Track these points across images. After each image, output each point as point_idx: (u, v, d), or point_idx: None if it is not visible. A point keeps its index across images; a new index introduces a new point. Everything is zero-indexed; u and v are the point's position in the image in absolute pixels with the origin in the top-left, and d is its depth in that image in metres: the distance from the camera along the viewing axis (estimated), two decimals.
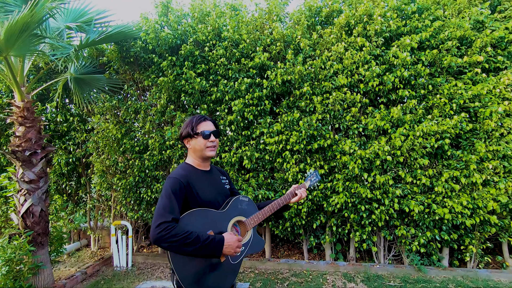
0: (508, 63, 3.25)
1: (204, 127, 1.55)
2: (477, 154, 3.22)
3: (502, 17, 3.32)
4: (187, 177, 1.46)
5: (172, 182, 1.41)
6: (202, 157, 1.58)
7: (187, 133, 1.55)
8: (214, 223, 1.47)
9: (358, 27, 3.40)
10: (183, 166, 1.57)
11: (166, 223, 1.26)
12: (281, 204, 1.76)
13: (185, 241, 1.26)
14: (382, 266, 3.75)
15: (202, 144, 1.53)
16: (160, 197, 1.38)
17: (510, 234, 3.47)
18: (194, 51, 3.78)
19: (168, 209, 1.32)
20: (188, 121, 1.58)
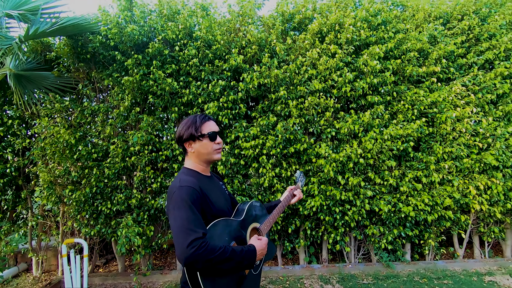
0: (457, 74, 3.67)
1: (210, 127, 1.41)
2: (435, 155, 3.54)
3: (451, 33, 3.74)
4: (199, 184, 1.29)
5: (187, 191, 1.22)
6: (208, 161, 1.43)
7: (190, 135, 1.37)
8: (235, 233, 1.35)
9: (330, 35, 3.53)
10: (188, 172, 1.39)
11: (199, 240, 1.09)
12: (285, 206, 1.74)
13: (222, 257, 1.11)
14: (353, 265, 3.88)
15: (209, 147, 1.39)
16: (174, 210, 1.17)
17: (459, 227, 3.88)
18: (163, 50, 3.53)
19: (195, 223, 1.14)
20: (190, 121, 1.40)
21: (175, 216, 1.16)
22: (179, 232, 1.11)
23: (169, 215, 1.21)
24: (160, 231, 4.01)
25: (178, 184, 1.26)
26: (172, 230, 1.15)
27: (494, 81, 3.49)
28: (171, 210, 1.20)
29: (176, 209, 1.18)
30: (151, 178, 3.76)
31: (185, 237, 1.09)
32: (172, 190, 1.25)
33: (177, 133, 1.43)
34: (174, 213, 1.17)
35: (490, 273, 3.64)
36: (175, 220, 1.15)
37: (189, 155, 1.43)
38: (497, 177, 3.49)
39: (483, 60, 3.62)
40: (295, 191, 1.91)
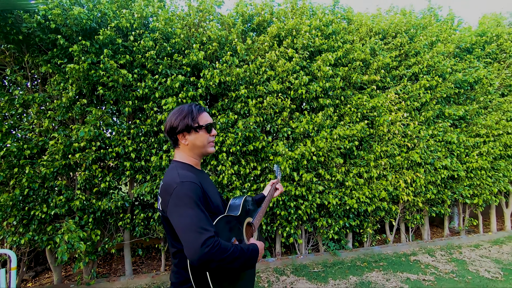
0: (392, 84, 4.25)
1: (206, 118, 1.35)
2: (373, 154, 4.04)
3: (387, 48, 4.31)
4: (199, 180, 1.23)
5: (191, 187, 1.15)
6: (202, 154, 1.38)
7: (186, 126, 1.28)
8: (235, 230, 1.32)
9: (288, 39, 3.73)
10: (183, 166, 1.30)
11: (212, 239, 1.04)
12: (270, 200, 1.76)
13: (233, 255, 1.09)
14: (304, 256, 4.16)
15: (205, 139, 1.34)
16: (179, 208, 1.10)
17: (391, 216, 4.48)
18: (116, 39, 3.27)
19: (205, 221, 1.09)
20: (185, 111, 1.31)
21: (181, 214, 1.09)
22: (189, 231, 1.05)
23: (171, 213, 1.13)
24: (107, 235, 3.69)
25: (179, 179, 1.17)
26: (180, 228, 1.08)
27: (419, 91, 4.15)
28: (174, 208, 1.12)
29: (182, 206, 1.10)
30: (98, 177, 3.43)
31: (198, 236, 1.03)
32: (172, 186, 1.16)
33: (168, 123, 1.33)
34: (179, 210, 1.10)
35: (414, 253, 4.30)
36: (183, 218, 1.08)
37: (181, 147, 1.34)
38: (420, 172, 4.15)
39: (411, 73, 4.26)
40: (276, 184, 1.90)
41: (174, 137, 1.34)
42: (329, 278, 3.56)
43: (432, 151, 4.25)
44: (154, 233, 3.71)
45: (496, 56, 4.85)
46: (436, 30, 4.44)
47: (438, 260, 4.03)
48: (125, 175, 3.52)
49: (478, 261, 3.99)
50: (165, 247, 3.90)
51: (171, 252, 1.31)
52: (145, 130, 3.39)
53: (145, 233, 3.70)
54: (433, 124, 4.38)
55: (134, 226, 3.64)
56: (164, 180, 1.25)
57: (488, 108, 4.65)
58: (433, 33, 4.40)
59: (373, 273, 3.68)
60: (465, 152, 4.43)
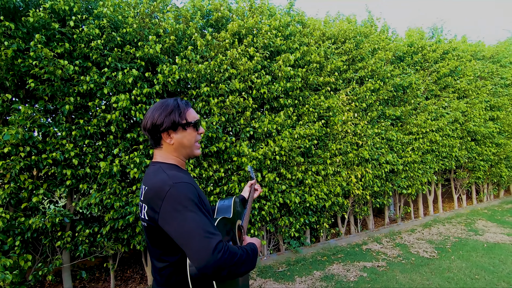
0: (343, 86, 4.54)
1: (193, 114, 1.20)
2: (329, 152, 4.25)
3: (338, 52, 4.60)
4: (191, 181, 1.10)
5: (188, 188, 1.01)
6: (188, 155, 1.22)
7: (173, 122, 1.12)
8: (229, 232, 1.22)
9: (248, 38, 3.66)
10: (170, 166, 1.13)
11: (222, 243, 0.93)
12: (252, 201, 1.69)
13: (242, 259, 0.98)
14: (268, 257, 4.13)
15: (194, 138, 1.19)
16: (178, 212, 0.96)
17: (342, 210, 4.79)
18: (51, 23, 2.73)
19: (210, 224, 0.97)
20: (170, 105, 1.14)
21: (184, 218, 0.95)
22: (197, 237, 0.92)
23: (168, 219, 0.97)
24: (39, 259, 3.07)
25: (170, 180, 1.02)
26: (184, 235, 0.94)
27: (365, 93, 4.52)
28: (173, 213, 0.96)
29: (182, 210, 0.96)
30: (27, 190, 2.82)
31: (208, 242, 0.91)
32: (164, 189, 1.00)
33: (149, 119, 1.13)
34: (180, 215, 0.96)
35: (364, 243, 4.66)
36: (188, 223, 0.94)
37: (164, 147, 1.16)
38: (368, 168, 4.52)
39: (358, 76, 4.63)
40: (255, 185, 1.86)
41: (157, 136, 1.16)
42: (295, 276, 3.60)
43: (378, 148, 4.68)
44: (102, 250, 3.22)
45: (421, 65, 5.63)
46: (377, 39, 4.93)
47: (385, 247, 4.45)
48: (65, 186, 2.97)
49: (416, 243, 4.53)
50: (115, 265, 3.43)
51: (155, 268, 1.13)
52: (91, 131, 2.92)
53: (91, 251, 3.18)
54: (377, 123, 4.83)
55: (77, 245, 3.10)
56: (149, 183, 1.07)
57: (417, 110, 5.35)
58: (374, 41, 4.87)
59: (334, 265, 3.85)
60: (402, 148, 5.01)
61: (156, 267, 1.14)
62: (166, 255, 1.08)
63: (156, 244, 1.10)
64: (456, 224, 5.55)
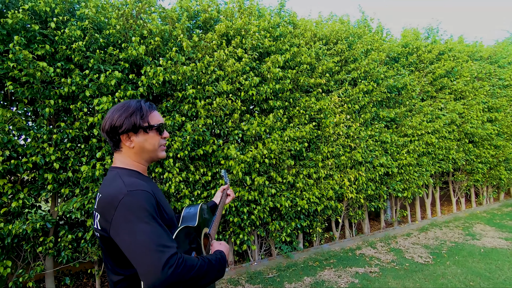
0: (335, 87, 4.47)
1: (157, 117, 1.14)
2: (321, 155, 4.17)
3: (330, 53, 4.53)
4: (151, 188, 1.03)
5: (144, 196, 0.95)
6: (151, 159, 1.16)
7: (134, 124, 1.06)
8: (193, 242, 1.15)
9: (236, 39, 3.60)
10: (129, 173, 1.07)
11: (175, 256, 0.87)
12: (223, 207, 1.62)
13: (202, 270, 0.93)
14: (258, 262, 4.04)
15: (156, 142, 1.13)
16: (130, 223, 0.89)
17: (336, 213, 4.69)
18: (31, 25, 2.69)
19: (165, 236, 0.91)
20: (132, 107, 1.09)
21: (134, 231, 0.88)
22: (147, 252, 0.85)
23: (118, 230, 0.91)
24: (21, 265, 3.00)
25: (125, 188, 0.95)
26: (133, 249, 0.87)
27: (358, 95, 4.45)
28: (124, 224, 0.90)
29: (134, 221, 0.89)
30: (7, 194, 2.76)
31: (158, 256, 0.84)
32: (117, 197, 0.93)
33: (108, 120, 1.07)
34: (131, 227, 0.89)
35: (358, 247, 4.56)
36: (138, 236, 0.87)
37: (124, 151, 1.11)
38: (362, 170, 4.43)
39: (351, 77, 4.55)
40: (227, 190, 1.82)
41: (116, 138, 1.10)
42: (285, 282, 3.51)
43: (371, 151, 4.59)
44: (86, 256, 3.15)
45: (416, 66, 5.54)
46: (370, 40, 4.86)
47: (380, 252, 4.35)
48: (46, 190, 2.91)
49: (411, 248, 4.43)
50: (100, 271, 3.35)
51: (111, 281, 1.07)
52: (73, 134, 2.86)
53: (74, 257, 3.11)
54: (370, 125, 4.74)
55: (60, 251, 3.03)
56: (103, 191, 1.01)
57: (412, 111, 5.25)
58: (368, 42, 4.79)
59: (325, 271, 3.76)
60: (396, 151, 4.91)
61: (111, 280, 1.08)
62: (120, 267, 1.02)
63: (109, 255, 1.03)
64: (454, 228, 5.43)
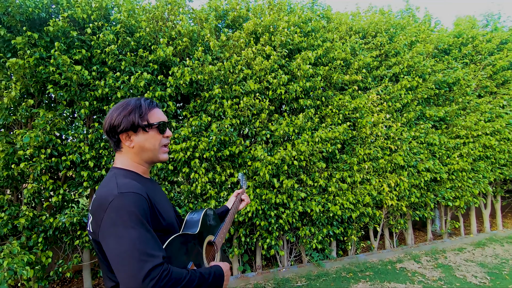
0: (373, 84, 4.11)
1: (158, 116, 1.09)
2: (357, 157, 3.85)
3: (368, 47, 4.19)
4: (145, 191, 0.97)
5: (134, 199, 0.89)
6: (151, 160, 1.10)
7: (132, 123, 1.02)
8: (192, 252, 1.07)
9: (265, 36, 3.48)
10: (127, 174, 1.03)
11: (160, 267, 0.80)
12: (235, 213, 1.52)
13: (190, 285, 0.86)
14: (287, 269, 3.87)
15: (157, 142, 1.07)
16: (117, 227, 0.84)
17: (374, 221, 4.31)
18: (70, 31, 2.86)
19: (152, 243, 0.84)
20: (131, 105, 1.04)
21: (120, 236, 0.82)
22: (129, 259, 0.79)
23: (105, 234, 0.86)
24: (62, 255, 3.22)
25: (117, 190, 0.90)
26: (116, 256, 0.82)
27: (400, 92, 4.03)
28: (110, 228, 0.85)
29: (120, 225, 0.84)
30: (49, 190, 2.97)
31: (140, 266, 0.78)
32: (107, 199, 0.89)
33: (107, 120, 1.05)
34: (117, 231, 0.84)
35: (399, 260, 4.13)
36: (122, 241, 0.82)
37: (124, 151, 1.07)
38: (403, 175, 4.01)
39: (391, 73, 4.15)
40: (242, 195, 1.70)
41: (116, 138, 1.06)
42: None
43: (415, 153, 4.13)
44: None
45: (472, 58, 4.89)
46: (415, 30, 4.39)
47: (424, 267, 3.88)
48: (82, 187, 3.08)
49: (463, 265, 3.88)
50: None
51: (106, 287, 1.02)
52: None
53: None
54: (415, 125, 4.28)
55: None
56: (97, 192, 0.96)
57: (467, 109, 4.64)
58: (412, 33, 4.34)
59: (360, 284, 3.45)
60: (446, 154, 4.37)
61: (106, 286, 1.03)
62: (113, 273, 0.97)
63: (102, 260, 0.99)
64: None
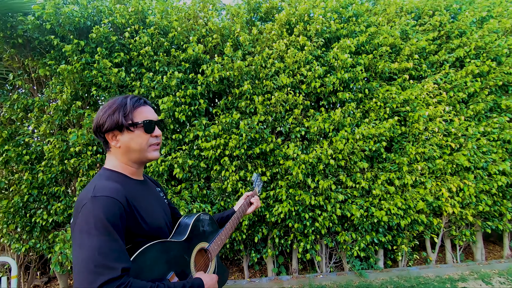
0: (429, 72, 3.53)
1: (145, 114, 1.04)
2: (407, 156, 3.36)
3: (423, 29, 3.61)
4: (124, 194, 0.92)
5: (104, 204, 0.85)
6: (140, 160, 1.06)
7: (116, 123, 0.98)
8: (176, 260, 1.00)
9: (299, 26, 3.25)
10: (109, 175, 1.00)
11: (115, 282, 0.75)
12: (240, 218, 1.41)
13: None
14: (325, 275, 3.60)
15: (143, 142, 1.02)
16: (82, 234, 0.81)
17: (432, 231, 3.73)
18: (110, 36, 3.07)
19: (114, 254, 0.79)
20: (116, 104, 1.01)
21: (81, 244, 0.79)
22: (83, 270, 0.75)
23: (73, 240, 0.84)
24: None
25: (92, 193, 0.87)
26: (74, 265, 0.79)
27: (465, 79, 3.38)
28: (77, 234, 0.82)
29: (84, 233, 0.81)
30: None
31: (92, 278, 0.74)
32: (82, 202, 0.86)
33: (95, 119, 1.03)
34: (80, 238, 0.81)
35: (463, 278, 3.50)
36: (81, 250, 0.79)
37: (112, 151, 1.05)
38: (469, 179, 3.37)
39: (454, 57, 3.51)
40: (252, 198, 1.57)
41: (102, 137, 1.04)
42: None
43: (485, 153, 3.43)
44: None
45: None
46: (488, 4, 3.62)
47: None
48: None
49: None
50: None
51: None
52: None
53: None
54: (485, 119, 3.55)
55: None
56: (80, 193, 0.95)
57: None
58: (483, 8, 3.59)
59: None
60: None
61: None
62: None
63: None
64: None
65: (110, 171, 1.03)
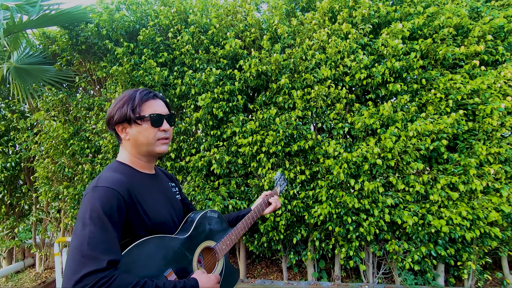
0: (508, 55, 2.91)
1: (153, 107, 1.04)
2: (476, 157, 2.83)
3: (500, 5, 3.00)
4: (127, 186, 0.93)
5: (103, 195, 0.86)
6: (148, 154, 1.06)
7: (124, 116, 1.00)
8: (175, 257, 0.98)
9: (343, 12, 2.98)
10: (117, 167, 1.03)
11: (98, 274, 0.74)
12: (255, 218, 1.34)
13: None
14: (371, 286, 3.27)
15: (151, 135, 1.02)
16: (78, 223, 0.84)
17: (510, 248, 3.09)
18: (155, 37, 3.25)
19: (100, 246, 0.79)
20: (125, 97, 1.03)
21: (75, 232, 0.82)
22: (71, 259, 0.77)
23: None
24: None
25: (95, 183, 0.91)
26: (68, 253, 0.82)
27: None
28: (76, 222, 0.86)
29: (80, 221, 0.83)
30: None
31: (77, 268, 0.74)
32: (87, 191, 0.91)
33: (108, 112, 1.07)
34: (77, 227, 0.83)
35: None
36: (74, 238, 0.81)
37: (123, 144, 1.07)
38: None
39: None
40: (271, 198, 1.47)
41: (113, 129, 1.07)
42: None
43: None
44: None
45: None
46: None
47: None
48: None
49: None
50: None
51: None
52: (182, 128, 3.26)
53: None
54: None
55: None
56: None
57: None
58: None
59: None
60: None
61: None
62: None
63: None
64: None
65: (119, 163, 1.06)
